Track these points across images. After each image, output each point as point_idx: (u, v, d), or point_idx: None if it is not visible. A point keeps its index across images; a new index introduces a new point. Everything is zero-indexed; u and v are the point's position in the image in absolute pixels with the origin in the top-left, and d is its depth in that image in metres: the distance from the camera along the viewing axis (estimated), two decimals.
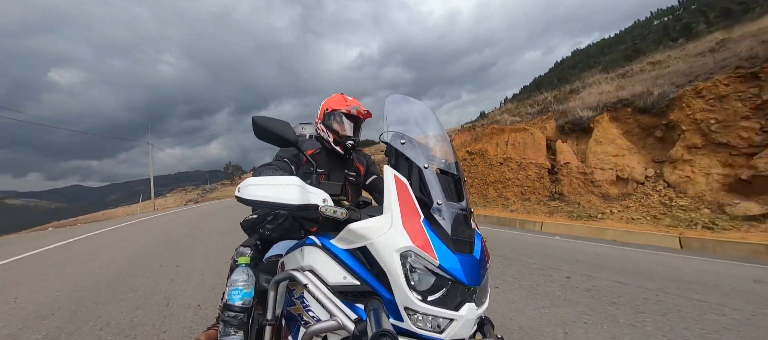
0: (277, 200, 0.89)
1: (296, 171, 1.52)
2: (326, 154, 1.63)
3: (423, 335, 0.77)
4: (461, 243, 0.85)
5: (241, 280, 1.30)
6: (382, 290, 0.80)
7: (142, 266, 4.52)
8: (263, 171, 1.35)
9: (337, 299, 0.85)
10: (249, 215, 1.72)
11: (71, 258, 5.34)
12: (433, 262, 0.78)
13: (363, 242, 0.84)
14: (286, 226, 1.54)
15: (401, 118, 1.05)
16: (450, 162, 1.03)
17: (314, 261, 0.97)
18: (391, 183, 0.88)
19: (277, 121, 1.17)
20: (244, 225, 1.69)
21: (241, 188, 0.91)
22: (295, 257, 1.09)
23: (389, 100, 1.09)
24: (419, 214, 0.85)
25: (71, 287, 3.57)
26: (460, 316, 0.78)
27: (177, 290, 3.34)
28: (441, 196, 0.89)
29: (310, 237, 1.06)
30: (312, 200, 0.93)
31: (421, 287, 0.78)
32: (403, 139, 0.97)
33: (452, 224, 0.86)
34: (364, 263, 0.85)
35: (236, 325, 1.23)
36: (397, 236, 0.79)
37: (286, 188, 0.90)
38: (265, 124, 1.16)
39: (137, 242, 6.88)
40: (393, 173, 0.90)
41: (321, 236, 1.01)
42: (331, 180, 1.58)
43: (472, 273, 0.82)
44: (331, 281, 0.89)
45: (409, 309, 0.76)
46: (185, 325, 2.50)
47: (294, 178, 0.94)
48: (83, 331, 2.45)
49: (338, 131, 1.56)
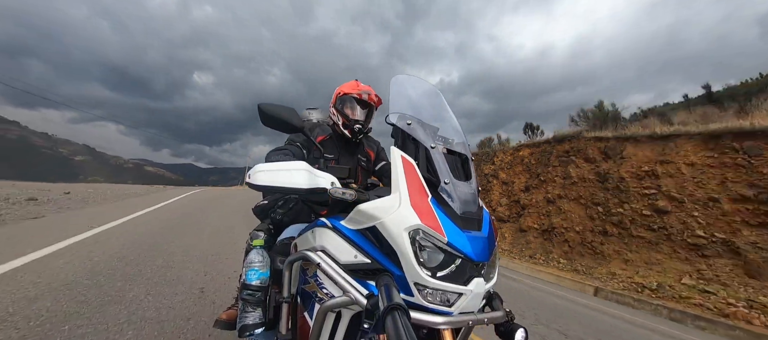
0: (286, 185, 0.91)
1: (307, 156, 1.54)
2: (336, 139, 1.64)
3: (433, 308, 0.79)
4: (469, 221, 0.87)
5: (256, 261, 1.35)
6: (392, 267, 0.82)
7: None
8: (273, 157, 1.37)
9: (349, 277, 0.88)
10: (260, 200, 1.76)
11: (190, 199, 11.86)
12: (442, 239, 0.80)
13: (372, 222, 0.86)
14: (296, 210, 1.58)
15: (407, 99, 1.05)
16: (457, 141, 1.03)
17: (326, 241, 1.00)
18: (398, 163, 0.89)
19: (283, 108, 1.17)
20: (256, 211, 1.73)
21: (251, 175, 0.93)
22: (307, 239, 1.12)
23: (395, 81, 1.08)
24: (427, 193, 0.86)
25: (190, 204, 9.53)
26: (468, 290, 0.81)
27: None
28: (448, 175, 0.90)
29: (321, 219, 1.08)
30: (320, 183, 0.95)
31: (430, 263, 0.80)
32: (410, 120, 0.96)
33: (460, 202, 0.87)
34: (373, 242, 0.87)
35: (254, 302, 1.30)
36: (406, 215, 0.81)
37: (295, 173, 0.92)
38: (271, 111, 1.15)
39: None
40: (400, 153, 0.90)
41: (331, 218, 1.04)
42: (341, 165, 1.60)
43: (480, 249, 0.83)
44: (342, 260, 0.92)
45: (418, 284, 0.79)
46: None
47: (302, 163, 0.95)
48: (191, 220, 6.71)
49: (348, 115, 1.56)
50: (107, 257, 3.49)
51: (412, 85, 1.11)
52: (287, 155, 1.39)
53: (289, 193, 0.95)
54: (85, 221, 5.45)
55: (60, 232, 4.44)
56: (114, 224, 5.49)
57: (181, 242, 4.63)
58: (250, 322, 1.27)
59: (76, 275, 2.86)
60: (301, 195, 0.95)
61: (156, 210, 7.73)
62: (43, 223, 5.18)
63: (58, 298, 2.37)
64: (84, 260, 3.30)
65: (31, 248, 3.52)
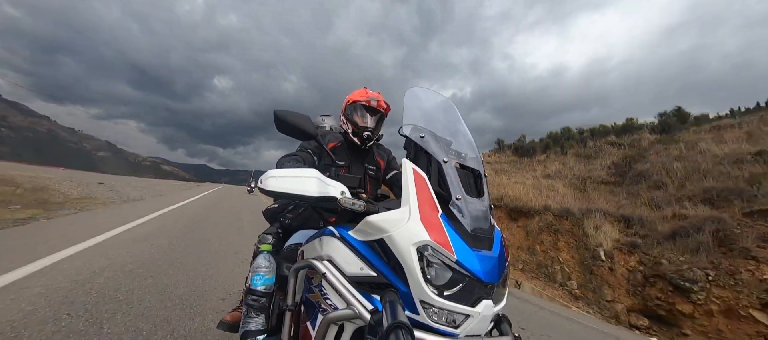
0: (297, 192, 0.91)
1: (318, 162, 1.55)
2: (347, 147, 1.64)
3: (438, 328, 0.77)
4: (480, 239, 0.84)
5: (263, 266, 1.35)
6: (398, 282, 0.80)
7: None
8: (285, 163, 1.38)
9: (353, 289, 0.86)
10: (271, 204, 1.78)
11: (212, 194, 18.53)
12: (451, 257, 0.77)
13: (380, 235, 0.85)
14: (306, 215, 1.58)
15: (421, 112, 1.04)
16: (471, 156, 1.01)
17: (332, 251, 0.98)
18: (409, 176, 0.88)
19: (298, 115, 1.19)
20: (266, 214, 1.75)
21: (263, 180, 0.94)
22: (314, 247, 1.12)
23: (409, 93, 1.07)
24: (437, 208, 0.84)
25: (207, 202, 12.55)
26: (476, 312, 0.78)
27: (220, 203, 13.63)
28: (460, 191, 0.88)
29: (328, 227, 1.08)
30: (330, 192, 0.94)
31: (437, 281, 0.77)
32: (423, 132, 0.95)
33: (471, 220, 0.85)
34: (380, 255, 0.85)
35: (258, 308, 1.29)
36: (415, 230, 0.79)
37: (305, 180, 0.92)
38: (286, 117, 1.17)
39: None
40: (411, 166, 0.89)
41: (339, 227, 1.03)
42: (352, 173, 1.60)
43: (489, 270, 0.80)
44: (348, 272, 0.90)
45: (424, 303, 0.76)
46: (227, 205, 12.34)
47: (313, 170, 0.95)
48: (212, 213, 8.99)
49: (358, 123, 1.57)
50: (200, 207, 9.50)
51: (426, 97, 1.10)
52: (298, 162, 1.40)
53: (300, 200, 0.95)
54: (165, 201, 10.16)
55: (156, 206, 8.27)
56: (187, 201, 10.77)
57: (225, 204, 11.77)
58: (253, 328, 1.26)
59: (187, 217, 7.20)
60: (312, 202, 0.95)
61: (204, 196, 13.88)
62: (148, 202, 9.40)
63: (184, 222, 6.38)
64: (189, 212, 8.14)
65: (160, 208, 7.91)
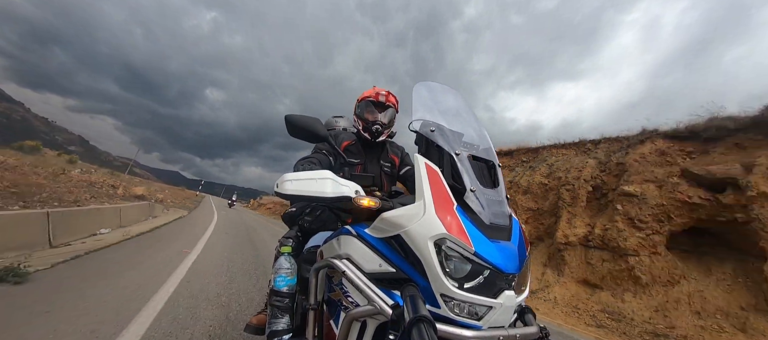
0: (312, 194, 0.93)
1: (334, 163, 1.57)
2: (362, 145, 1.67)
3: (461, 321, 0.76)
4: (498, 230, 0.83)
5: (284, 267, 1.39)
6: (417, 277, 0.80)
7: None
8: (301, 165, 1.41)
9: (374, 286, 0.87)
10: (289, 208, 1.82)
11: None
12: (469, 249, 0.77)
13: (396, 231, 0.85)
14: (323, 217, 1.61)
15: (430, 106, 1.03)
16: (483, 147, 0.99)
17: (350, 249, 1.00)
18: (421, 171, 0.88)
19: (309, 118, 1.20)
20: (285, 218, 1.79)
21: (279, 183, 0.96)
22: (333, 246, 1.13)
23: (417, 88, 1.07)
24: (452, 201, 0.83)
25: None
26: (498, 303, 0.77)
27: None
28: (474, 182, 0.87)
29: (345, 227, 1.09)
30: (344, 192, 0.95)
31: (456, 274, 0.77)
32: (433, 126, 0.95)
33: (487, 210, 0.84)
34: (398, 251, 0.86)
35: (283, 309, 1.33)
36: (431, 224, 0.79)
37: (319, 182, 0.94)
38: (297, 121, 1.19)
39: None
40: (423, 160, 0.89)
41: (356, 226, 1.04)
42: (367, 171, 1.62)
43: (509, 260, 0.80)
44: (367, 269, 0.91)
45: (445, 296, 0.76)
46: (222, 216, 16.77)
47: (327, 172, 0.97)
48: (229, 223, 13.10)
49: (368, 119, 1.60)
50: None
51: (434, 91, 1.10)
52: (314, 163, 1.43)
53: (315, 201, 0.97)
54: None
55: None
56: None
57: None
58: (279, 328, 1.30)
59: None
60: (327, 203, 0.97)
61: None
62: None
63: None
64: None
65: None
